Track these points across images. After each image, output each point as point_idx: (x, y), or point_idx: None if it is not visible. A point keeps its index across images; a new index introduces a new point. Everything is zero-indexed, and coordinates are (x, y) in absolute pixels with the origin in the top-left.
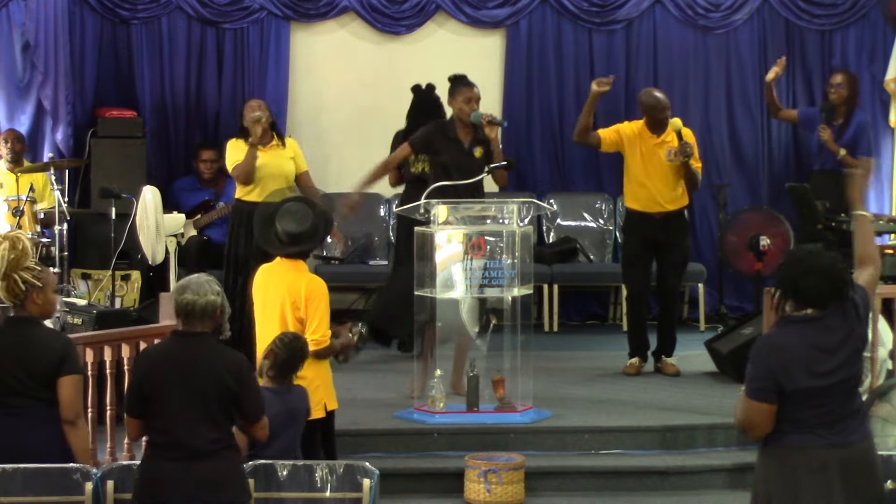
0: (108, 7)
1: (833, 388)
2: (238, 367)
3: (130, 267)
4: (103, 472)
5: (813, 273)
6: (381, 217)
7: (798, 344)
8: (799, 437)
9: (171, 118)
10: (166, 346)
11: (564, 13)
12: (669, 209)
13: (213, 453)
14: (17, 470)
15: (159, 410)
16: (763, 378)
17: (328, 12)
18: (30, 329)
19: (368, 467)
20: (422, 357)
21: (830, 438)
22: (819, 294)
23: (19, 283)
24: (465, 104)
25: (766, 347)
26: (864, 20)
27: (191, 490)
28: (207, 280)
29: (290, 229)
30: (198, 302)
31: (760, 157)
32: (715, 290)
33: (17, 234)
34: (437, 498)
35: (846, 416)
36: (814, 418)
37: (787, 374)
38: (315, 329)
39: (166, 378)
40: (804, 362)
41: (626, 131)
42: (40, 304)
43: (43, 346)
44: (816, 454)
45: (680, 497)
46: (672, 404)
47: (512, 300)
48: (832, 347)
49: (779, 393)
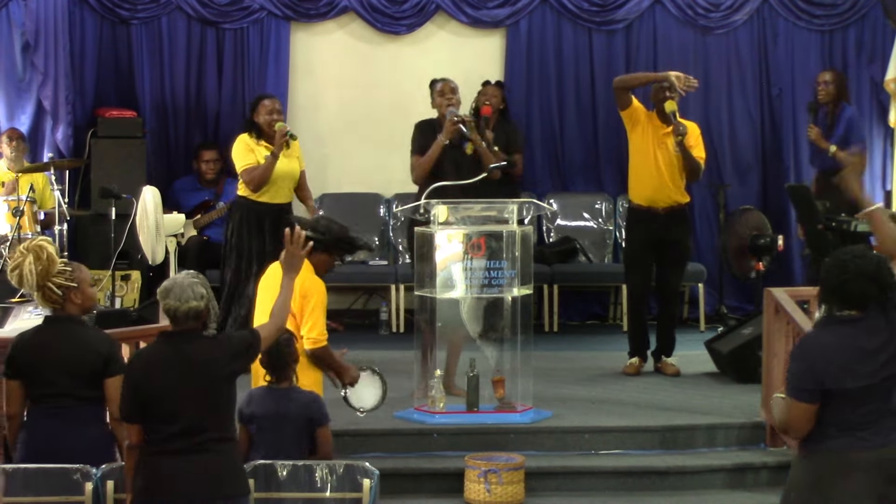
0: (108, 7)
1: (875, 389)
2: (226, 344)
3: (130, 267)
4: (103, 472)
5: (858, 277)
6: (380, 217)
7: (841, 344)
8: (839, 439)
9: (171, 118)
10: (157, 348)
11: (564, 13)
12: (672, 203)
13: (212, 448)
14: (17, 470)
15: (159, 411)
16: (805, 378)
17: (328, 12)
18: (72, 329)
19: (368, 467)
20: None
21: (871, 440)
22: (865, 297)
23: (54, 290)
24: (440, 97)
25: (809, 347)
26: (864, 20)
27: (191, 485)
28: (192, 283)
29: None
30: (180, 308)
31: (760, 157)
32: (715, 290)
33: (40, 243)
34: (437, 498)
35: (886, 417)
36: (855, 419)
37: (830, 374)
38: (311, 328)
39: (163, 378)
40: (847, 363)
41: (641, 112)
42: (79, 302)
43: (88, 347)
44: (856, 456)
45: (680, 497)
46: (672, 404)
47: (512, 300)
48: (875, 348)
49: (823, 395)
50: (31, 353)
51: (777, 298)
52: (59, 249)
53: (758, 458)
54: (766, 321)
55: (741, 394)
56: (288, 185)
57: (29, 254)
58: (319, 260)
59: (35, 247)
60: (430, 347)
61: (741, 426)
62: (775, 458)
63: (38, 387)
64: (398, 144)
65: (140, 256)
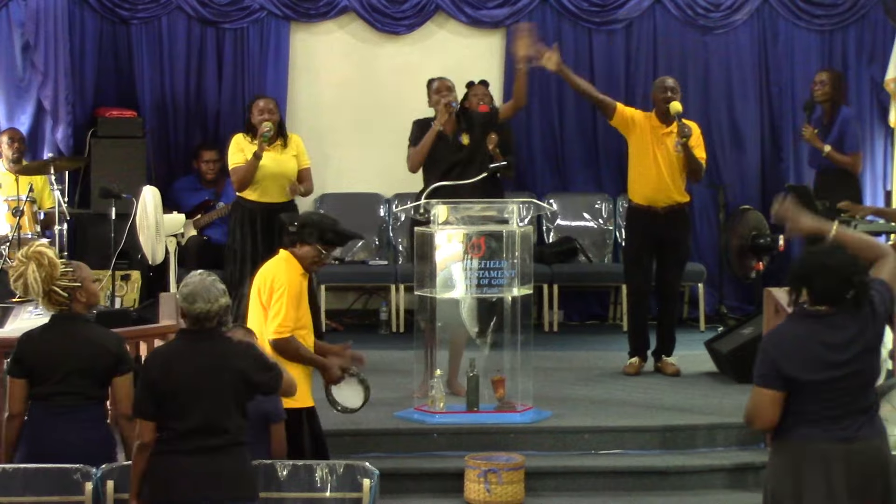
0: (108, 7)
1: (840, 383)
2: (247, 349)
3: (130, 267)
4: (103, 472)
5: (825, 272)
6: (381, 217)
7: (806, 337)
8: (804, 430)
9: (171, 118)
10: (177, 347)
11: (564, 13)
12: (672, 203)
13: (226, 449)
14: (18, 470)
15: (175, 409)
16: (768, 364)
17: (328, 12)
18: (79, 328)
19: (368, 467)
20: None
21: (836, 433)
22: (828, 292)
23: (60, 293)
24: (436, 94)
25: (776, 337)
26: (864, 20)
27: (202, 486)
28: (212, 282)
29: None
30: (211, 310)
31: (760, 156)
32: (715, 290)
33: (38, 248)
34: (437, 498)
35: (854, 413)
36: (820, 412)
37: (792, 364)
38: (274, 317)
39: (182, 377)
40: (810, 356)
41: (638, 118)
42: (84, 300)
43: (98, 346)
44: (820, 448)
45: (680, 497)
46: (672, 404)
47: (512, 300)
48: (840, 344)
49: (785, 383)
50: (41, 353)
51: (777, 298)
52: (58, 250)
53: (758, 458)
54: (766, 321)
55: (741, 394)
56: (279, 184)
57: (30, 261)
58: (304, 253)
59: (35, 254)
60: (430, 347)
61: (741, 426)
62: None
63: (47, 385)
64: (398, 144)
65: (140, 256)
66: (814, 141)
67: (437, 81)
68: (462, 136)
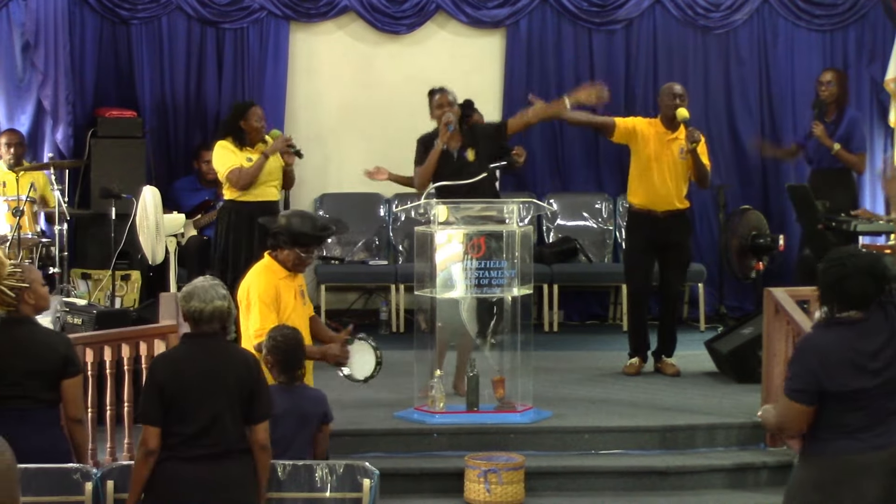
0: (108, 7)
1: (875, 391)
2: (253, 363)
3: (130, 267)
4: (103, 472)
5: (856, 274)
6: (380, 217)
7: (840, 347)
8: (840, 443)
9: (171, 118)
10: (182, 351)
11: (564, 13)
12: (673, 208)
13: (231, 455)
14: (17, 470)
15: (181, 414)
16: (803, 379)
17: (328, 12)
18: (27, 330)
19: (368, 467)
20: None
21: (872, 441)
22: (864, 294)
23: (7, 293)
24: (437, 109)
25: (809, 349)
26: (864, 20)
27: (207, 491)
28: (212, 285)
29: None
30: (205, 309)
31: (760, 157)
32: (715, 290)
33: None
34: (437, 498)
35: (886, 418)
36: (855, 422)
37: (829, 377)
38: (252, 323)
39: (188, 381)
40: (846, 365)
41: (641, 126)
42: (33, 302)
43: (45, 348)
44: (857, 460)
45: (680, 497)
46: (672, 404)
47: (512, 300)
48: (874, 350)
49: (819, 396)
50: None
51: (777, 298)
52: (58, 250)
53: (758, 458)
54: (766, 321)
55: (741, 394)
56: (274, 184)
57: None
58: (284, 257)
59: None
60: (430, 347)
61: (741, 426)
62: (775, 458)
63: None
64: (398, 144)
65: (140, 256)
66: (824, 139)
67: (439, 95)
68: (467, 151)
